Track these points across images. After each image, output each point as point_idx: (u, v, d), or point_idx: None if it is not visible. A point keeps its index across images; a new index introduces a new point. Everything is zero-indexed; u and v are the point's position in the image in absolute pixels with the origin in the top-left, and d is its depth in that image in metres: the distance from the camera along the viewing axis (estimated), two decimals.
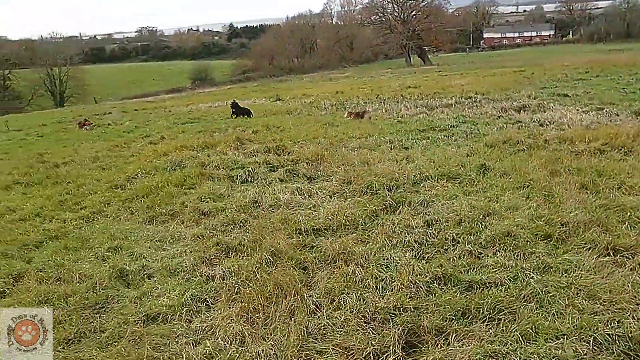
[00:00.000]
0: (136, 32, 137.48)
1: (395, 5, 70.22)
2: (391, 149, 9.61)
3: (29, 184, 9.62)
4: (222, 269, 5.02)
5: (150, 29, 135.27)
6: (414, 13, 69.81)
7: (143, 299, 4.61)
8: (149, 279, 5.05)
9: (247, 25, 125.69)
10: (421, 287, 4.32)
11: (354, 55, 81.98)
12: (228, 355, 3.62)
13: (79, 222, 6.96)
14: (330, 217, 6.02)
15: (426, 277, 4.46)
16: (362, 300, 4.18)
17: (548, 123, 11.17)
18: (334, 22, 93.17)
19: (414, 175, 7.36)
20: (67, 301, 4.59)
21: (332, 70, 67.35)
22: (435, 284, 4.37)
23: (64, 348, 3.93)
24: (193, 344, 3.86)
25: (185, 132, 14.84)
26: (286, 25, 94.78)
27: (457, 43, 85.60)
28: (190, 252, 5.54)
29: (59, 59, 70.37)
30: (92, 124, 20.52)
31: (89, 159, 11.36)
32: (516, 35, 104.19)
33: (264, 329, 3.95)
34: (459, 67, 41.34)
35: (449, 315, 3.88)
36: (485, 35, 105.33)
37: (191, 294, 4.57)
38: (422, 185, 7.06)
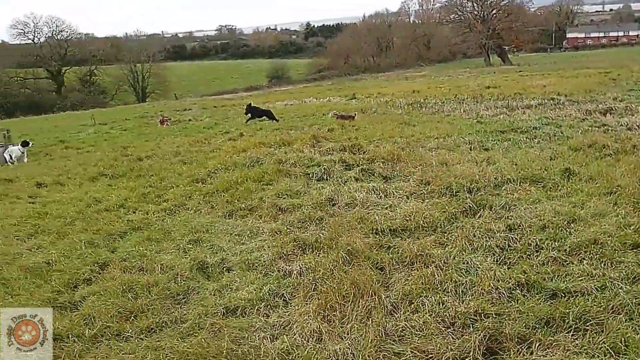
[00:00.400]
0: (216, 30, 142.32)
1: (475, 4, 68.35)
2: (471, 150, 9.38)
3: (114, 176, 10.22)
4: (299, 265, 5.09)
5: (230, 27, 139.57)
6: (494, 12, 67.63)
7: (222, 292, 4.75)
8: (228, 272, 5.21)
9: (324, 24, 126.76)
10: (503, 293, 4.19)
11: (431, 54, 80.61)
12: (305, 352, 3.67)
13: (161, 214, 7.29)
14: (407, 218, 5.95)
15: (508, 283, 4.32)
16: (441, 303, 4.11)
17: (637, 127, 10.53)
18: (411, 21, 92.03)
19: (495, 178, 7.14)
20: (149, 291, 4.81)
21: (408, 69, 66.53)
22: (517, 291, 4.23)
23: (146, 336, 4.10)
24: (270, 339, 3.93)
25: (262, 129, 15.21)
26: (363, 24, 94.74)
27: (539, 43, 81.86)
28: (268, 247, 5.65)
29: (142, 56, 74.22)
30: (170, 119, 21.51)
31: (171, 154, 11.91)
32: (601, 35, 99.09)
33: (341, 327, 3.96)
34: (540, 68, 39.54)
35: (533, 323, 3.75)
36: (569, 35, 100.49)
37: (269, 289, 4.67)
38: (503, 188, 6.83)
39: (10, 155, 14.56)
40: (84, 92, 67.91)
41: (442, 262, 4.81)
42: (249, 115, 18.03)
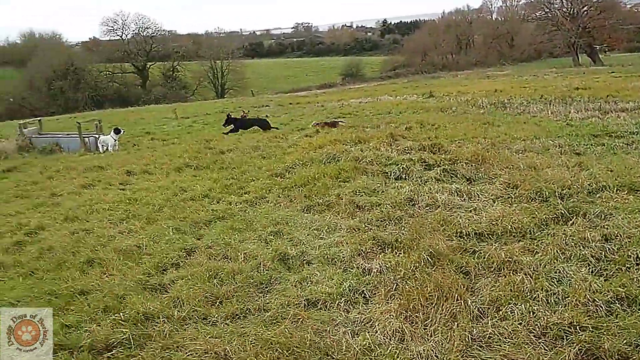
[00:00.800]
0: (292, 28, 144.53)
1: (564, 1, 64.85)
2: (561, 153, 8.94)
3: (198, 167, 10.65)
4: (378, 264, 5.08)
5: (306, 25, 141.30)
6: (585, 8, 63.76)
7: (303, 284, 4.84)
8: (308, 265, 5.30)
9: (400, 21, 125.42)
10: (600, 306, 3.96)
11: (514, 52, 77.40)
12: (388, 350, 3.67)
13: (243, 206, 7.52)
14: (493, 222, 5.77)
15: (606, 295, 4.09)
16: (531, 313, 3.96)
17: None
18: (493, 18, 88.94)
19: (588, 184, 6.75)
20: (234, 278, 4.98)
21: (489, 68, 64.33)
22: (617, 305, 3.99)
23: (231, 322, 4.26)
24: (351, 334, 3.97)
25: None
26: (442, 20, 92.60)
27: (635, 42, 76.32)
28: (347, 243, 5.68)
29: (222, 53, 76.65)
30: (248, 113, 22.09)
31: (251, 148, 12.24)
32: None
33: (424, 329, 3.93)
34: (636, 68, 36.95)
35: (635, 340, 3.53)
36: None
37: (349, 285, 4.70)
38: (598, 195, 6.44)
39: (104, 144, 15.55)
40: (167, 87, 71.10)
41: (532, 270, 4.63)
42: (230, 127, 16.35)
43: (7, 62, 79.01)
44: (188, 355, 3.77)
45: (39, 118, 22.86)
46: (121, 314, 4.37)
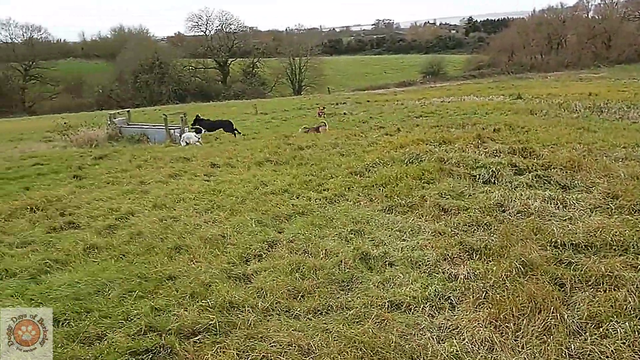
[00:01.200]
0: (373, 25, 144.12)
1: None
2: None
3: (278, 162, 10.86)
4: (466, 270, 4.97)
5: (387, 21, 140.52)
6: None
7: (386, 285, 4.81)
8: (390, 266, 5.26)
9: (487, 19, 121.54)
10: None
11: (611, 53, 72.77)
12: (477, 359, 3.58)
13: (323, 202, 7.58)
14: (591, 234, 5.46)
15: None
16: (636, 332, 3.71)
17: None
18: (589, 17, 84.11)
19: None
20: (315, 273, 5.04)
21: (582, 70, 61.08)
22: None
23: (313, 317, 4.31)
24: (437, 340, 3.90)
25: (419, 125, 15.09)
26: (532, 18, 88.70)
27: None
28: (432, 247, 5.59)
29: (301, 50, 77.76)
30: (324, 109, 22.31)
31: (329, 145, 12.33)
32: None
33: (515, 340, 3.79)
34: None
35: None
36: None
37: (434, 290, 4.62)
38: None
39: (188, 139, 16.22)
40: (246, 83, 73.18)
41: (636, 286, 4.34)
42: (193, 128, 16.88)
43: (98, 55, 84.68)
44: (272, 346, 3.85)
45: (127, 109, 24.26)
46: (208, 300, 4.54)
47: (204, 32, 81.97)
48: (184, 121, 18.25)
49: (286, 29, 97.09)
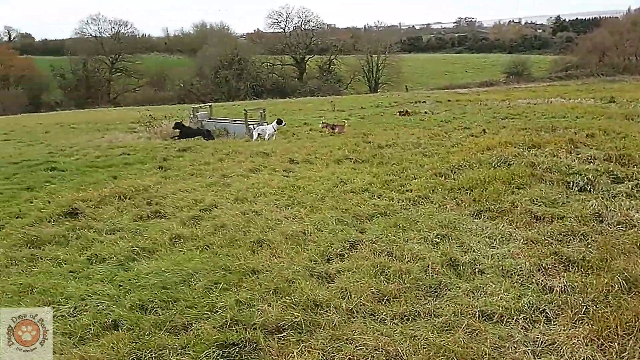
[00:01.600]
0: (454, 23, 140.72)
1: None
2: None
3: (357, 160, 10.80)
4: (562, 282, 4.70)
5: (470, 20, 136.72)
6: None
7: (476, 294, 4.63)
8: (480, 274, 5.06)
9: (576, 18, 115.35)
10: None
11: None
12: None
13: (405, 203, 7.45)
14: None
15: None
16: None
17: None
18: None
19: None
20: (401, 277, 4.93)
21: None
22: None
23: (400, 322, 4.20)
24: (532, 354, 3.71)
25: (506, 127, 14.53)
26: (626, 17, 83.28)
27: None
28: (524, 256, 5.33)
29: (379, 47, 77.25)
30: (405, 111, 22.01)
31: (411, 144, 12.14)
32: None
33: None
34: None
35: None
36: None
37: (528, 301, 4.40)
38: None
39: (262, 132, 16.49)
40: (322, 80, 73.69)
41: None
42: (177, 131, 17.18)
43: (180, 50, 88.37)
44: (358, 349, 3.80)
45: (209, 104, 25.08)
46: (291, 297, 4.55)
47: (283, 29, 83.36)
48: (263, 116, 18.60)
49: (364, 26, 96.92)
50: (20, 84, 68.85)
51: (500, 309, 4.31)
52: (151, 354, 3.88)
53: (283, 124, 16.84)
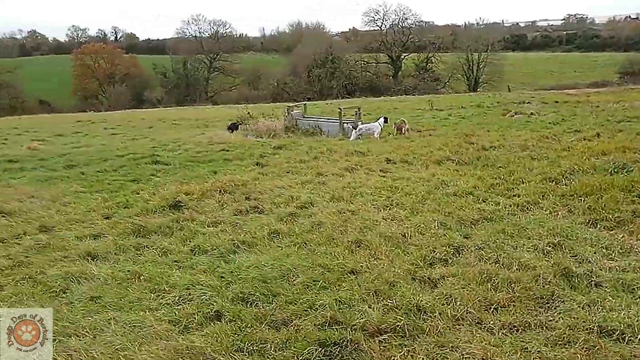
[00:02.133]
0: (562, 20, 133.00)
1: None
2: None
3: (460, 162, 10.55)
4: None
5: (580, 16, 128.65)
6: None
7: (593, 308, 4.37)
8: (597, 287, 4.78)
9: None
10: None
11: None
12: None
13: (513, 209, 7.16)
14: None
15: None
16: None
17: None
18: None
19: None
20: (511, 287, 4.76)
21: None
22: None
23: (509, 333, 4.05)
24: None
25: (623, 131, 13.57)
26: None
27: None
28: None
29: (481, 45, 74.85)
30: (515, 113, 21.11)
31: (518, 147, 11.68)
32: None
33: None
34: None
35: None
36: None
37: None
38: None
39: (369, 130, 16.34)
40: (418, 78, 72.63)
41: None
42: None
43: (275, 49, 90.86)
44: (464, 358, 3.71)
45: (304, 102, 25.56)
46: (393, 300, 4.53)
47: (379, 27, 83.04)
48: (359, 115, 18.66)
49: (464, 23, 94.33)
50: (125, 81, 74.11)
51: (622, 325, 4.04)
52: (253, 347, 3.99)
53: (387, 122, 16.80)
